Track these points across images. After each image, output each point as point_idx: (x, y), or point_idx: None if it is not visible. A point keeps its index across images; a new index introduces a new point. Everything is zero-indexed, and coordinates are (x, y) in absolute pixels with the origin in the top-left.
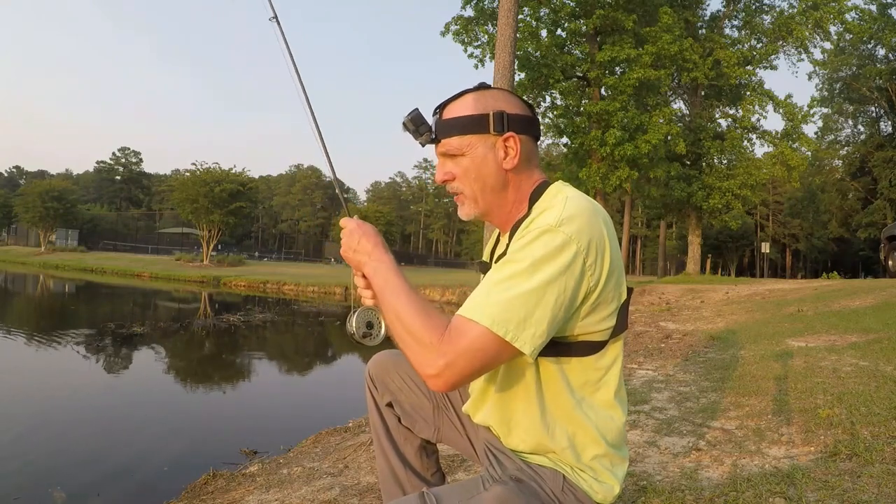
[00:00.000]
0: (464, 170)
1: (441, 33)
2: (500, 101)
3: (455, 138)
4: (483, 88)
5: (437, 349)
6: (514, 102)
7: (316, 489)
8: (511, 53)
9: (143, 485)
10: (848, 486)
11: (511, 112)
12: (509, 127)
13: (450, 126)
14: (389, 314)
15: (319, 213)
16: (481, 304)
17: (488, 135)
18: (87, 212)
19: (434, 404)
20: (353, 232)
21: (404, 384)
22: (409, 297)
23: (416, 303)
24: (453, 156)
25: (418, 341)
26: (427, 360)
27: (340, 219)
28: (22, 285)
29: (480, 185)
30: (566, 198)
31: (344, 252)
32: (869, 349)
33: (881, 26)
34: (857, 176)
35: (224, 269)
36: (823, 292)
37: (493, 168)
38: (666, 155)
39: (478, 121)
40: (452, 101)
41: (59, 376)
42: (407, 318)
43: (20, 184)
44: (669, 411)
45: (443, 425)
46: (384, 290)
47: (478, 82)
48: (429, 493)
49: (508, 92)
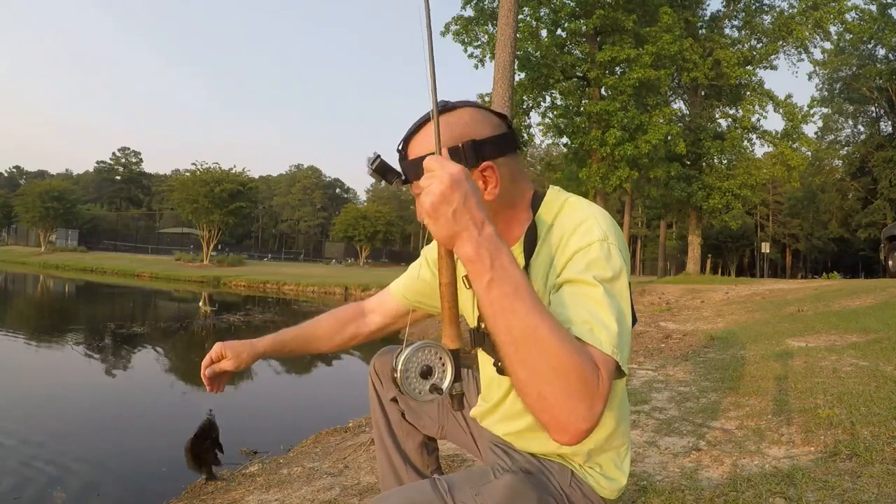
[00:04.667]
0: None
1: (441, 33)
2: (468, 126)
3: None
4: (445, 112)
5: (596, 392)
6: (484, 121)
7: (316, 489)
8: (511, 53)
9: (143, 485)
10: (848, 486)
11: (483, 137)
12: (485, 155)
13: (418, 168)
14: (520, 335)
15: (319, 213)
16: (600, 328)
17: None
18: (87, 212)
19: (440, 403)
20: (456, 183)
21: None
22: (549, 317)
23: (557, 325)
24: None
25: (570, 383)
26: (582, 408)
27: (426, 158)
28: (22, 285)
29: None
30: (585, 203)
31: (431, 209)
32: (869, 349)
33: (881, 26)
34: (857, 176)
35: (224, 269)
36: (823, 292)
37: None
38: (666, 155)
39: (449, 156)
40: (414, 134)
41: (58, 376)
42: (554, 345)
43: (20, 184)
44: (669, 411)
45: (447, 422)
46: (510, 295)
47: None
48: (440, 479)
49: (473, 107)
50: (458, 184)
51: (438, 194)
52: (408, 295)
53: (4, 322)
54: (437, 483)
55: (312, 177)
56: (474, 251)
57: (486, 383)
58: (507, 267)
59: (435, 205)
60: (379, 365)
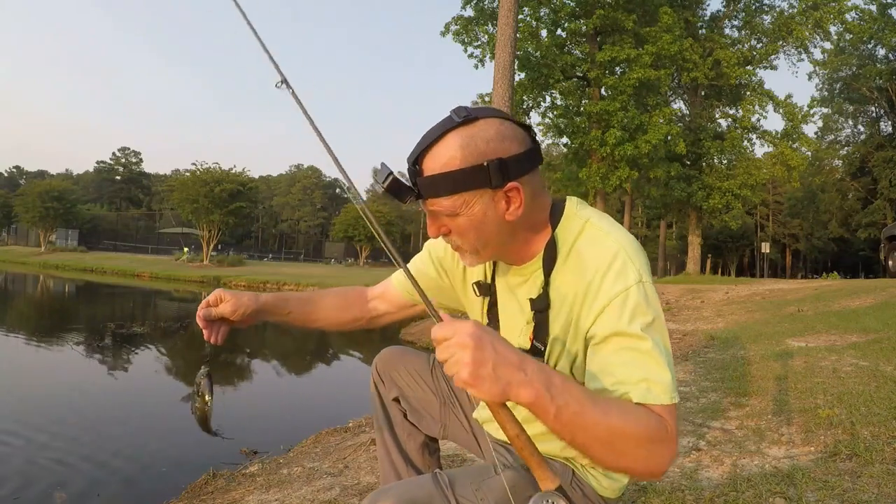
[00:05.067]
0: (459, 227)
1: (441, 33)
2: (493, 141)
3: (445, 199)
4: (467, 122)
5: (668, 438)
6: (511, 136)
7: (316, 489)
8: (511, 53)
9: (144, 485)
10: (848, 486)
11: (509, 155)
12: (510, 175)
13: (436, 186)
14: (599, 436)
15: (319, 213)
16: (656, 383)
17: (486, 189)
18: (87, 212)
19: (441, 401)
20: (480, 340)
21: (412, 379)
22: (611, 404)
23: (620, 406)
24: (443, 214)
25: (649, 448)
26: (663, 456)
27: (434, 330)
28: (22, 285)
29: (482, 241)
30: (607, 225)
31: (471, 378)
32: (869, 349)
33: (881, 26)
34: (857, 176)
35: (224, 269)
36: (823, 292)
37: (494, 223)
38: (666, 155)
39: (471, 175)
40: (429, 148)
41: (58, 376)
42: (629, 428)
43: (20, 184)
44: None
45: (449, 422)
46: (580, 413)
47: (456, 108)
48: (441, 473)
49: (499, 118)
50: (481, 339)
51: (471, 361)
52: (411, 289)
53: (4, 322)
54: (438, 477)
55: (312, 177)
56: (532, 394)
57: None
58: (563, 389)
59: (473, 373)
60: (381, 365)
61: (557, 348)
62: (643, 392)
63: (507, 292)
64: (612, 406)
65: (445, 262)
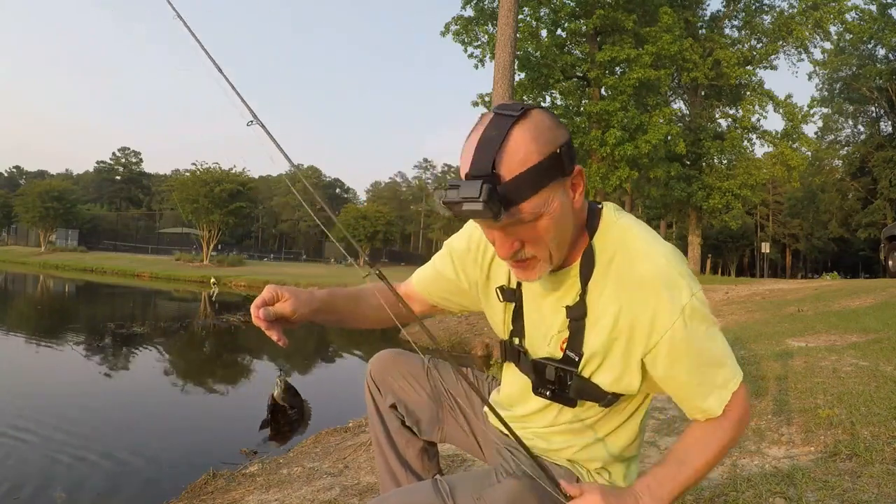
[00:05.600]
0: (539, 233)
1: (441, 33)
2: (552, 128)
3: (530, 201)
4: (525, 114)
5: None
6: (556, 119)
7: (316, 489)
8: (511, 53)
9: (144, 485)
10: (848, 486)
11: (566, 140)
12: (574, 159)
13: (521, 187)
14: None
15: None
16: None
17: (561, 179)
18: (87, 212)
19: (438, 404)
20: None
21: (407, 384)
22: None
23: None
24: (524, 222)
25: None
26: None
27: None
28: (22, 285)
29: (559, 241)
30: (649, 237)
31: None
32: (869, 349)
33: (881, 26)
34: (857, 176)
35: (224, 269)
36: (823, 292)
37: (569, 216)
38: (666, 155)
39: (550, 166)
40: (503, 145)
41: (58, 376)
42: (724, 445)
43: (20, 184)
44: (669, 411)
45: (447, 424)
46: (694, 478)
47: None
48: (442, 480)
49: (538, 109)
50: (607, 498)
51: None
52: (431, 291)
53: (4, 322)
54: (438, 484)
55: (312, 177)
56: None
57: (511, 393)
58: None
59: None
60: (376, 371)
61: (596, 361)
62: (723, 396)
63: (535, 300)
64: (701, 447)
65: (467, 264)
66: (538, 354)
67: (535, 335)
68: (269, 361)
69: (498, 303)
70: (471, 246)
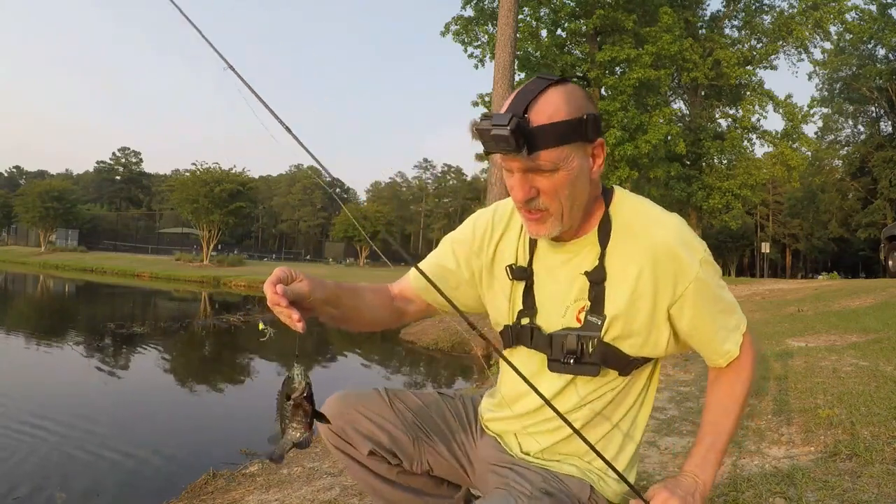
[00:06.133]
0: (555, 185)
1: (441, 33)
2: (584, 99)
3: (552, 150)
4: (563, 81)
5: (752, 355)
6: (589, 98)
7: (316, 489)
8: (511, 53)
9: (144, 485)
10: (848, 486)
11: (593, 112)
12: (598, 131)
13: (546, 136)
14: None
15: (319, 213)
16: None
17: (583, 143)
18: (87, 212)
19: (412, 437)
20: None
21: (375, 425)
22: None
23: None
24: (542, 170)
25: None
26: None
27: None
28: (22, 285)
29: (572, 201)
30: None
31: None
32: (869, 349)
33: (881, 26)
34: (857, 176)
35: (224, 269)
36: (823, 292)
37: (586, 179)
38: (666, 155)
39: (574, 127)
40: (537, 98)
41: (58, 376)
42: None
43: (20, 184)
44: (669, 411)
45: (425, 455)
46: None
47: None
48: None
49: (578, 84)
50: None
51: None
52: (428, 287)
53: (4, 322)
54: None
55: (312, 177)
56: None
57: (514, 388)
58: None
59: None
60: (337, 421)
61: (619, 324)
62: (737, 338)
63: (550, 272)
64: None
65: (471, 252)
66: (554, 328)
67: (549, 308)
68: (269, 361)
69: (503, 285)
70: (476, 233)
